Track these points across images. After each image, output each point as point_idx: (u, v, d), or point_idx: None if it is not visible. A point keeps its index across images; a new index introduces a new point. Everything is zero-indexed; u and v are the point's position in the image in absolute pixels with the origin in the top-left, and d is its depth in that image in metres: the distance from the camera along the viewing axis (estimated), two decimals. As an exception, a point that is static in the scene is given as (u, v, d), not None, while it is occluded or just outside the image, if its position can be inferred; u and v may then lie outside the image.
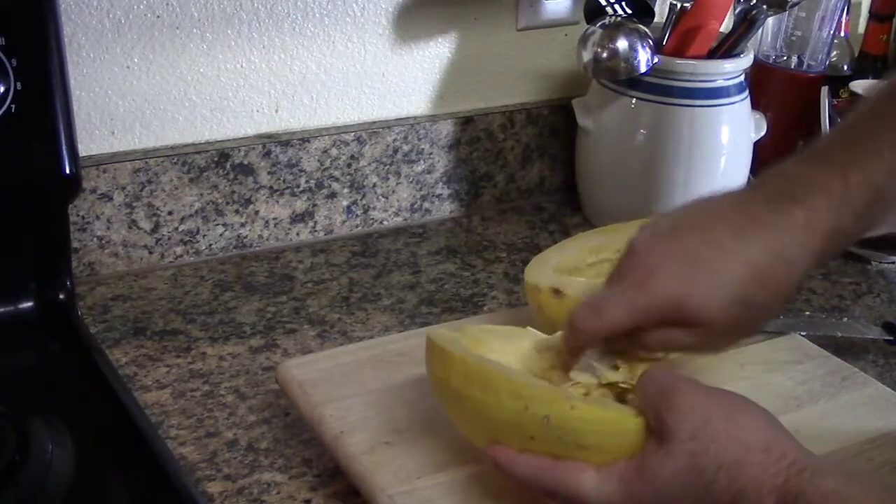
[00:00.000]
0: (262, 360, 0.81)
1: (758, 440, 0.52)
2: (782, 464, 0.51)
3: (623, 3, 0.98)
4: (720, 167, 1.01)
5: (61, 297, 0.82)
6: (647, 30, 0.96)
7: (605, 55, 0.96)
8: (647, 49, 0.95)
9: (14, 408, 0.66)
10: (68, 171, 0.78)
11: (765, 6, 0.97)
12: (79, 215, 0.89)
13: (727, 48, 0.99)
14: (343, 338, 0.85)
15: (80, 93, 0.88)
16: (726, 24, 1.02)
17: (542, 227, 1.08)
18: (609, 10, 0.98)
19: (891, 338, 0.85)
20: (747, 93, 1.02)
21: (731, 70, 0.99)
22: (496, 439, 0.59)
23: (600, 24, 0.97)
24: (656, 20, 1.01)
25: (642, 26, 0.96)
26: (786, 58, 1.15)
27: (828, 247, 0.59)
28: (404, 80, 1.04)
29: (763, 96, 1.10)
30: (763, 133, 1.04)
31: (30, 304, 0.81)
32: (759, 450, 0.52)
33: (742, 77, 1.01)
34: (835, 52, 1.17)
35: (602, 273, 0.67)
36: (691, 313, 0.59)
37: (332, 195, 1.01)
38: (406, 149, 1.04)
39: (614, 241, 0.73)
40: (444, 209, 1.09)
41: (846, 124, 0.62)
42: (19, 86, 0.73)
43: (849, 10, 1.18)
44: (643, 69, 0.96)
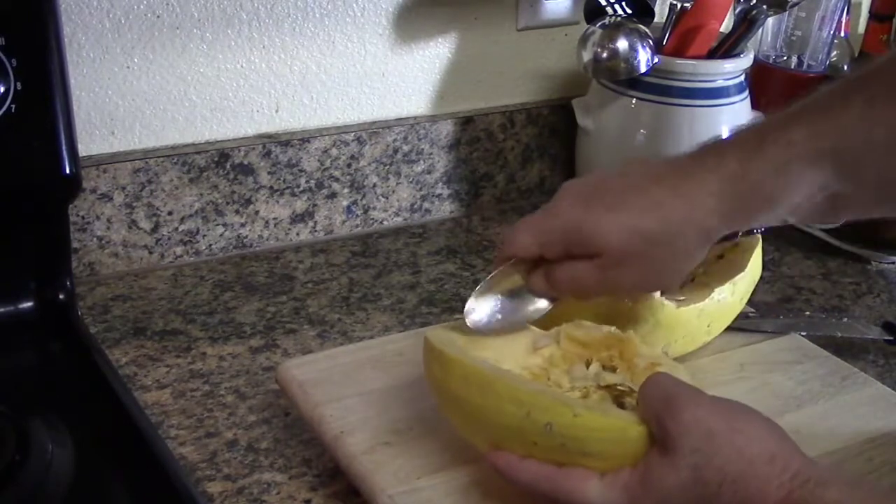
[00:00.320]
0: (262, 360, 0.81)
1: (761, 451, 0.52)
2: (786, 475, 0.51)
3: (623, 3, 0.98)
4: (720, 167, 1.01)
5: (61, 297, 0.82)
6: (647, 30, 0.96)
7: (605, 55, 0.96)
8: (647, 49, 0.95)
9: (14, 408, 0.66)
10: (68, 171, 0.78)
11: (765, 6, 0.97)
12: (79, 215, 0.89)
13: (727, 48, 0.99)
14: (343, 338, 0.85)
15: (80, 93, 0.88)
16: (726, 24, 1.02)
17: (542, 227, 1.08)
18: (609, 10, 0.98)
19: (891, 338, 0.85)
20: (747, 93, 1.02)
21: (731, 70, 0.99)
22: (497, 443, 0.59)
23: (600, 24, 0.97)
24: (656, 20, 1.01)
25: (642, 26, 0.96)
26: (786, 58, 1.15)
27: (736, 189, 0.60)
28: (404, 80, 1.04)
29: (763, 96, 1.10)
30: (763, 133, 1.04)
31: (30, 304, 0.81)
32: (762, 462, 0.52)
33: (742, 77, 1.01)
34: (835, 52, 1.17)
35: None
36: (586, 237, 0.61)
37: (332, 195, 1.01)
38: (406, 149, 1.04)
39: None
40: (444, 209, 1.09)
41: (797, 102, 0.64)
42: (19, 86, 0.73)
43: (849, 10, 1.18)
44: (643, 69, 0.96)
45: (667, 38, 1.00)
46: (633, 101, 1.00)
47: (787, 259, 1.03)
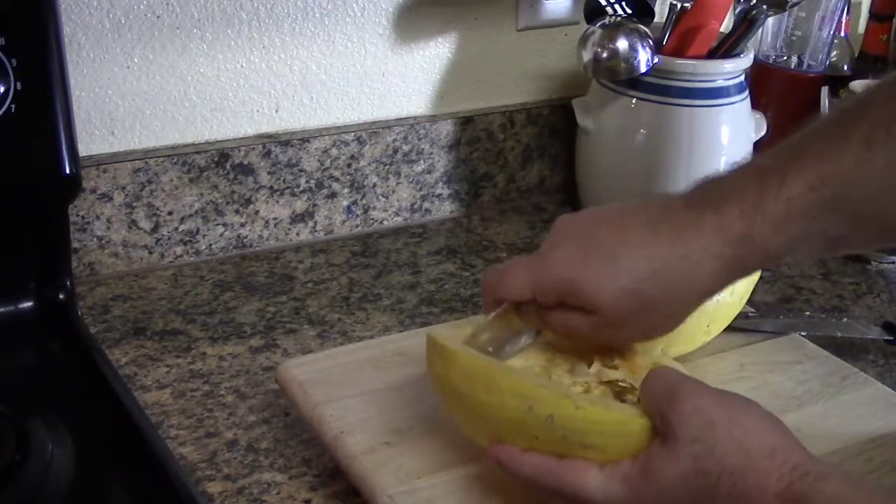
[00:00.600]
0: (262, 360, 0.81)
1: (762, 444, 0.52)
2: (786, 468, 0.51)
3: (623, 3, 0.98)
4: (720, 167, 1.00)
5: (61, 297, 0.82)
6: (647, 30, 0.96)
7: (605, 55, 0.96)
8: (647, 49, 0.95)
9: (14, 408, 0.66)
10: (68, 171, 0.78)
11: (765, 6, 0.97)
12: (79, 215, 0.89)
13: (727, 48, 0.99)
14: (343, 338, 0.85)
15: (80, 93, 0.88)
16: (726, 24, 1.02)
17: (542, 227, 1.08)
18: (609, 10, 0.98)
19: (891, 338, 0.85)
20: (747, 93, 1.02)
21: (731, 70, 0.99)
22: (499, 438, 0.59)
23: (600, 24, 0.97)
24: (656, 20, 1.01)
25: (642, 26, 0.96)
26: (786, 58, 1.15)
27: (739, 253, 0.58)
28: (404, 80, 1.04)
29: (763, 96, 1.10)
30: (763, 133, 1.04)
31: (30, 304, 0.81)
32: (763, 454, 0.52)
33: (742, 77, 1.01)
34: (835, 52, 1.17)
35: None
36: (582, 295, 0.59)
37: (332, 195, 1.01)
38: (406, 149, 1.04)
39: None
40: (444, 209, 1.09)
41: (796, 133, 0.61)
42: (19, 86, 0.73)
43: (849, 10, 1.18)
44: (643, 69, 0.96)
45: (667, 38, 1.00)
46: (633, 101, 1.00)
47: (787, 259, 1.03)
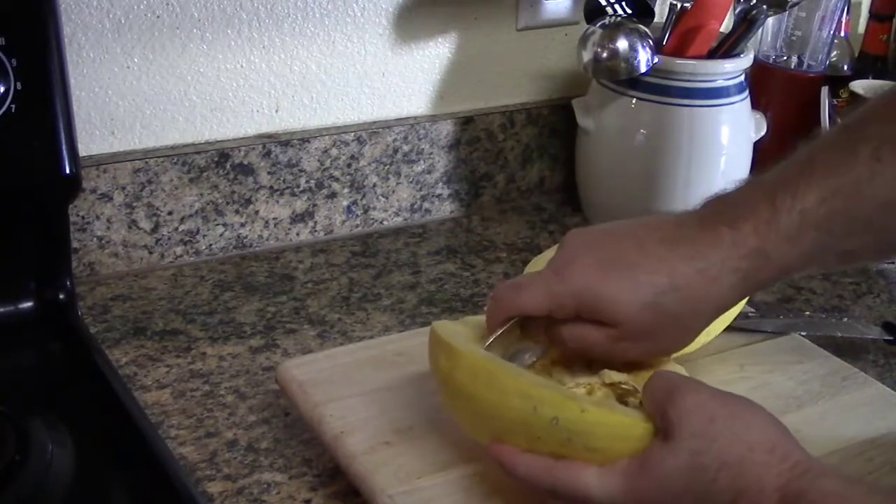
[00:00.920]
0: (262, 360, 0.81)
1: (763, 439, 0.52)
2: (785, 465, 0.51)
3: (623, 3, 0.98)
4: (720, 167, 1.01)
5: (61, 297, 0.82)
6: (647, 30, 0.96)
7: (605, 55, 0.96)
8: (647, 49, 0.95)
9: (14, 408, 0.66)
10: (68, 171, 0.78)
11: (765, 6, 0.97)
12: (79, 215, 0.89)
13: (727, 48, 0.99)
14: (343, 338, 0.85)
15: (80, 93, 0.88)
16: (726, 24, 1.02)
17: (542, 227, 1.08)
18: (609, 10, 0.98)
19: (891, 338, 0.85)
20: (747, 93, 1.02)
21: (731, 70, 0.99)
22: (500, 437, 0.59)
23: (600, 24, 0.97)
24: (656, 20, 1.01)
25: (642, 26, 0.96)
26: (786, 58, 1.15)
27: (754, 266, 0.59)
28: (404, 80, 1.04)
29: (763, 96, 1.10)
30: (763, 133, 1.04)
31: (30, 304, 0.81)
32: (763, 450, 0.52)
33: (742, 77, 1.01)
34: (835, 52, 1.17)
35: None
36: (601, 308, 0.59)
37: (332, 195, 1.01)
38: (406, 149, 1.04)
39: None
40: (444, 209, 1.09)
41: (800, 150, 0.62)
42: (19, 86, 0.73)
43: (849, 10, 1.18)
44: (643, 69, 0.96)
45: (667, 38, 1.00)
46: (633, 101, 1.00)
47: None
